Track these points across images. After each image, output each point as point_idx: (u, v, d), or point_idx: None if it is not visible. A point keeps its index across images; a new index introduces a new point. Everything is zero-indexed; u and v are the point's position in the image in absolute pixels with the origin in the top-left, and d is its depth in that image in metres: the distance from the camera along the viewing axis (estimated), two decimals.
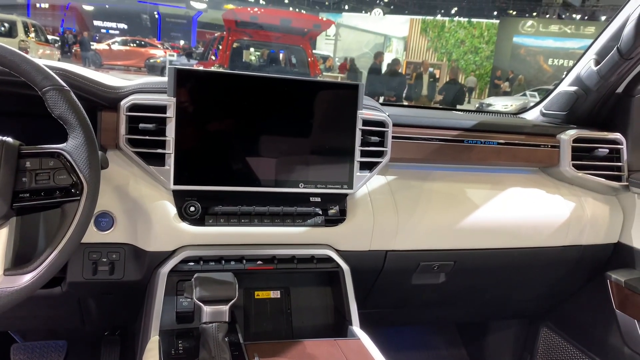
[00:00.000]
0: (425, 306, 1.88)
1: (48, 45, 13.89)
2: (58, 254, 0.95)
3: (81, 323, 1.56)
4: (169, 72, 1.25)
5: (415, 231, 1.49)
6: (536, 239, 1.65)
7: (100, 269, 1.27)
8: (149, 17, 25.32)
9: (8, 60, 0.97)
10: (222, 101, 1.28)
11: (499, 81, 18.48)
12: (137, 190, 1.27)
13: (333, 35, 24.29)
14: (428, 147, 1.58)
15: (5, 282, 0.92)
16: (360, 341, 1.27)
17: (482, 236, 1.57)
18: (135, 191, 1.27)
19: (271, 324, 1.42)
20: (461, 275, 1.64)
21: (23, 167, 0.97)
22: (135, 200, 1.26)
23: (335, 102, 1.37)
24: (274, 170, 1.33)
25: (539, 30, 20.04)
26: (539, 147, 1.70)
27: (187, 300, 1.32)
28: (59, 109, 0.98)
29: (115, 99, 1.26)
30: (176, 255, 1.28)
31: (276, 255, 1.36)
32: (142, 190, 1.27)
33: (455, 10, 25.40)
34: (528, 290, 1.89)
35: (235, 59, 9.93)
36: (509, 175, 1.71)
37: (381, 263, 1.49)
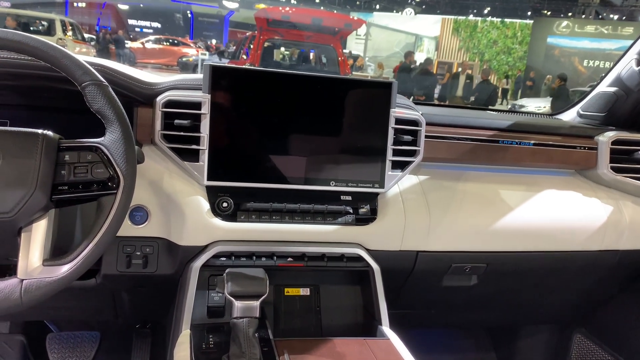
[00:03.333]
0: (456, 308, 1.85)
1: (84, 43, 14.20)
2: (94, 246, 0.97)
3: (114, 315, 1.59)
4: (204, 69, 1.26)
5: (447, 232, 1.47)
6: (571, 243, 1.61)
7: (134, 262, 1.29)
8: (182, 16, 25.67)
9: (49, 55, 0.99)
10: (256, 98, 1.29)
11: (530, 82, 18.18)
12: (171, 186, 1.29)
13: (363, 35, 24.20)
14: (461, 146, 1.56)
15: (44, 272, 0.94)
16: (390, 341, 1.26)
17: (516, 238, 1.54)
18: (170, 186, 1.28)
19: (300, 321, 1.42)
20: (493, 278, 1.61)
21: (62, 160, 0.99)
22: (169, 195, 1.28)
23: (368, 100, 1.36)
24: (306, 168, 1.33)
25: (574, 31, 19.59)
26: (575, 149, 1.67)
27: (218, 295, 1.33)
28: (98, 103, 1.00)
29: (151, 95, 1.28)
30: (208, 250, 1.29)
31: (306, 253, 1.36)
32: (176, 185, 1.29)
33: (488, 10, 25.02)
34: (562, 294, 1.85)
35: (266, 58, 9.99)
36: (544, 177, 1.68)
37: (412, 263, 1.48)
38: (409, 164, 1.41)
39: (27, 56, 0.99)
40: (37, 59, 0.99)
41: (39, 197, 0.95)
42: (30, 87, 1.29)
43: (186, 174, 1.29)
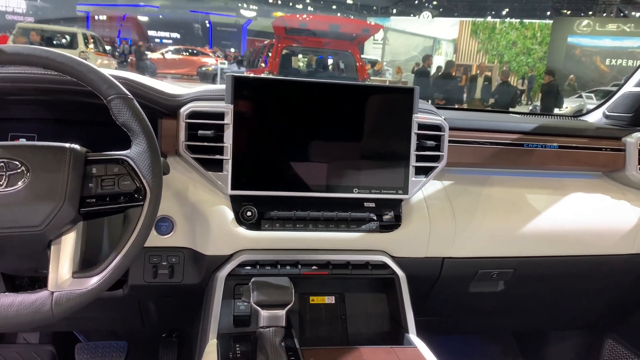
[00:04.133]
0: (483, 315, 1.83)
1: (106, 55, 14.45)
2: (123, 257, 0.98)
3: (141, 325, 1.60)
4: (226, 79, 1.27)
5: (473, 238, 1.46)
6: (600, 247, 1.58)
7: (161, 272, 1.30)
8: (200, 26, 25.96)
9: (76, 70, 1.00)
10: (278, 107, 1.29)
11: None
12: (196, 196, 1.29)
13: (381, 40, 24.17)
14: (486, 151, 1.54)
15: (74, 284, 0.95)
16: (418, 349, 1.24)
17: (543, 243, 1.52)
18: (194, 196, 1.29)
19: (326, 330, 1.42)
20: (521, 283, 1.59)
21: (90, 173, 1.00)
22: (194, 205, 1.29)
23: (390, 106, 1.36)
24: (328, 175, 1.33)
25: (595, 30, 19.30)
26: (602, 151, 1.64)
27: (244, 304, 1.33)
28: (123, 116, 1.01)
29: (175, 107, 1.30)
30: (233, 259, 1.29)
31: (331, 261, 1.35)
32: (200, 195, 1.30)
33: (506, 11, 24.82)
34: (591, 299, 1.81)
35: (284, 66, 10.04)
36: (570, 180, 1.65)
37: (438, 270, 1.46)
38: (433, 169, 1.40)
39: (54, 71, 1.01)
40: (64, 74, 1.01)
41: (67, 210, 0.96)
42: (56, 102, 1.31)
43: (210, 183, 1.30)
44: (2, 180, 0.94)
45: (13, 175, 0.94)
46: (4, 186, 0.93)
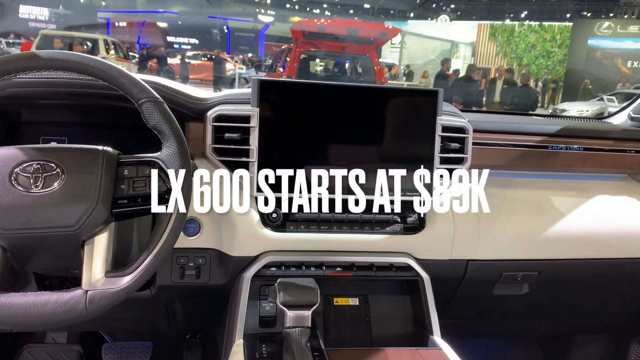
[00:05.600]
0: (507, 318, 1.81)
1: (126, 61, 14.60)
2: (154, 257, 1.00)
3: (167, 325, 1.62)
4: (252, 83, 1.29)
5: (497, 240, 1.45)
6: (626, 250, 1.56)
7: (188, 273, 1.32)
8: (218, 31, 26.16)
9: (108, 74, 1.03)
10: (303, 110, 1.31)
11: (554, 84, 17.89)
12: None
13: (398, 43, 24.12)
14: (510, 153, 1.54)
15: (107, 283, 0.98)
16: (442, 351, 1.24)
17: (568, 246, 1.51)
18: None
19: (350, 331, 1.42)
20: (546, 286, 1.58)
21: (122, 175, 1.02)
22: None
23: (414, 108, 1.36)
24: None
25: (616, 32, 19.04)
26: (628, 153, 1.62)
27: (269, 305, 1.34)
28: (154, 119, 1.03)
29: (202, 110, 1.32)
30: (259, 261, 1.31)
31: (355, 263, 1.36)
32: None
33: (525, 14, 24.62)
34: (617, 303, 1.79)
35: (302, 70, 10.07)
36: (595, 183, 1.64)
37: (462, 272, 1.46)
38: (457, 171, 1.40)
39: (87, 76, 1.04)
40: (96, 79, 1.03)
41: (100, 210, 0.98)
42: (87, 106, 1.34)
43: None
44: (38, 182, 0.96)
45: (49, 176, 0.97)
46: (40, 187, 0.96)
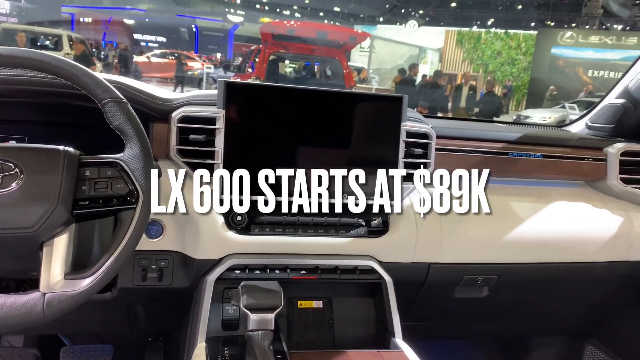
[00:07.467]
0: (467, 320, 1.85)
1: (92, 58, 14.30)
2: (115, 259, 0.99)
3: (129, 328, 1.60)
4: (218, 85, 1.28)
5: (459, 244, 1.48)
6: (582, 254, 1.61)
7: (150, 275, 1.30)
8: (187, 30, 25.85)
9: (70, 73, 1.01)
10: (269, 113, 1.31)
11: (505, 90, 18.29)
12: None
13: (367, 47, 24.28)
14: (472, 159, 1.57)
15: (66, 285, 0.96)
16: (404, 353, 1.26)
17: (527, 250, 1.55)
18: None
19: (313, 334, 1.43)
20: (505, 289, 1.62)
21: (83, 175, 1.00)
22: None
23: (379, 114, 1.38)
24: (317, 181, 1.34)
25: (578, 42, 19.61)
26: (585, 160, 1.68)
27: (232, 308, 1.34)
28: (117, 120, 1.02)
29: (166, 111, 1.31)
30: (223, 264, 1.30)
31: (319, 265, 1.37)
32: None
33: (491, 22, 25.11)
34: (573, 306, 1.85)
35: (271, 71, 10.06)
36: (554, 189, 1.69)
37: (424, 275, 1.49)
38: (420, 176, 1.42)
39: (49, 74, 1.02)
40: (58, 77, 1.01)
41: (60, 212, 0.96)
42: (48, 104, 1.31)
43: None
44: None
45: (7, 176, 0.95)
46: None
